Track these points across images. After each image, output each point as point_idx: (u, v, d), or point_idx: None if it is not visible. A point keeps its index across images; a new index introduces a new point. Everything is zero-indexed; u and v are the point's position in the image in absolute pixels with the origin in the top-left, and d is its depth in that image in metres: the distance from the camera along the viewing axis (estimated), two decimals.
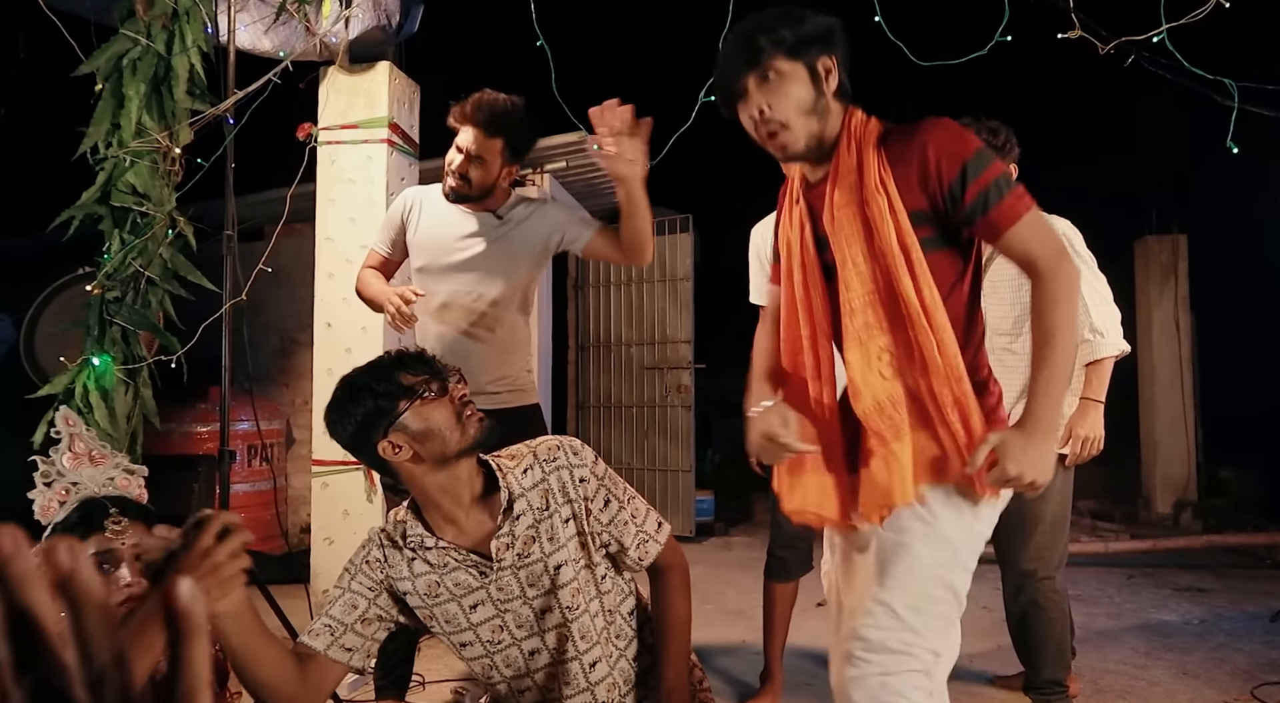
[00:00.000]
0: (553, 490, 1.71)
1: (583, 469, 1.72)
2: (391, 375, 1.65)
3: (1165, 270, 7.45)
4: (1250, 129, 2.81)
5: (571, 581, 1.69)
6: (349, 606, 1.71)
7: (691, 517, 6.39)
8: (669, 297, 6.58)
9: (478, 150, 2.48)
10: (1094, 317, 2.64)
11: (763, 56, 1.60)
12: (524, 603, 1.70)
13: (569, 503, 1.71)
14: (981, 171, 1.54)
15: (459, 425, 1.65)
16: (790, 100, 1.61)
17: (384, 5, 3.69)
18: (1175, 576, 5.12)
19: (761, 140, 1.68)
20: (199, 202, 3.11)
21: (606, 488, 1.74)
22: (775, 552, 2.98)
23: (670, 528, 1.83)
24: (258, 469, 5.29)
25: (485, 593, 1.70)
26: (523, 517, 1.69)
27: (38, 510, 1.67)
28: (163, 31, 2.90)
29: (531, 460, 1.73)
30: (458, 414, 1.65)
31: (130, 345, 2.92)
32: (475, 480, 1.70)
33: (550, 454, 1.73)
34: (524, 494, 1.70)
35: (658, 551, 1.77)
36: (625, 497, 1.77)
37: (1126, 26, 2.65)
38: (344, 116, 3.87)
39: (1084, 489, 6.95)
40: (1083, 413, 2.65)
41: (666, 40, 7.17)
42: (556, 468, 1.72)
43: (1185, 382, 7.34)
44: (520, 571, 1.69)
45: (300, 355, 5.87)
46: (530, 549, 1.68)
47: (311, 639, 1.67)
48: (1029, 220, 1.54)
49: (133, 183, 2.87)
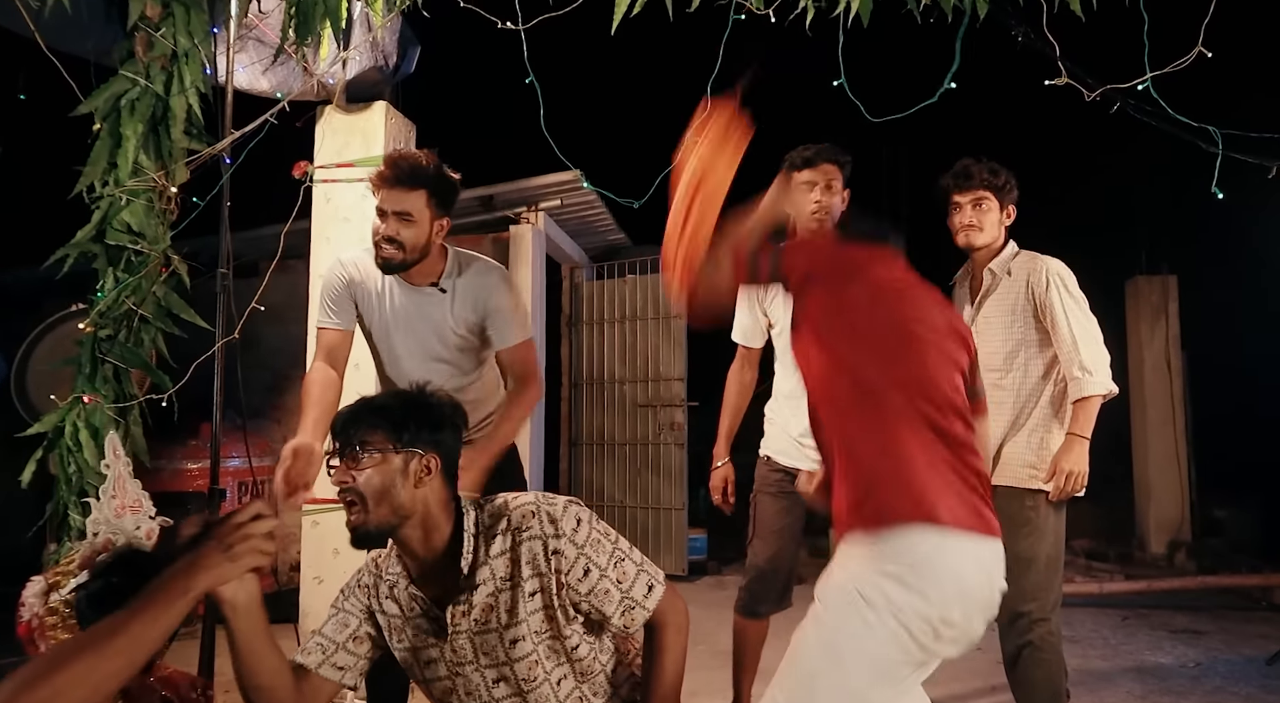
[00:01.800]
0: (520, 562, 1.66)
1: (558, 541, 1.66)
2: (438, 417, 1.71)
3: (1156, 310, 7.50)
4: (1236, 172, 2.85)
5: (529, 654, 1.67)
6: (341, 625, 1.74)
7: (684, 555, 6.35)
8: (662, 334, 6.60)
9: (403, 207, 2.39)
10: (1083, 355, 2.66)
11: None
12: (475, 669, 1.69)
13: (537, 576, 1.66)
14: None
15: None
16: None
17: (381, 46, 3.74)
18: (1171, 617, 5.09)
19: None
20: (193, 238, 3.12)
21: (587, 557, 1.67)
22: (750, 588, 2.97)
23: (664, 589, 1.74)
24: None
25: (439, 652, 1.70)
26: (483, 585, 1.66)
27: (80, 559, 1.70)
28: (162, 72, 2.93)
29: (504, 526, 1.69)
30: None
31: (122, 384, 2.91)
32: (446, 531, 1.68)
33: (523, 523, 1.68)
34: (488, 562, 1.67)
35: (645, 617, 1.71)
36: (610, 562, 1.69)
37: (1113, 73, 2.70)
38: (340, 155, 3.91)
39: (1078, 529, 6.95)
40: (1068, 448, 2.66)
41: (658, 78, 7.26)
42: (529, 538, 1.66)
43: (1178, 421, 7.36)
44: (476, 637, 1.67)
45: (292, 392, 5.85)
46: (489, 618, 1.66)
47: (304, 657, 1.71)
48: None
49: (128, 221, 2.88)
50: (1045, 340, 2.76)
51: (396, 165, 2.40)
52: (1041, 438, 2.73)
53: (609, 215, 6.60)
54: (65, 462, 2.83)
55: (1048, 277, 2.74)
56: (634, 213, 2.95)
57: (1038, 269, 2.77)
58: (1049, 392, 2.76)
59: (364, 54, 3.63)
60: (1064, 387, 2.73)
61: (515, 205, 5.91)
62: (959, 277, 3.04)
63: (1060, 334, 2.70)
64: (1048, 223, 3.61)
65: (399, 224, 2.39)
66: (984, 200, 2.82)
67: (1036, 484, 2.69)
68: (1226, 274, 7.59)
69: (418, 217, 2.40)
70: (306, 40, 2.96)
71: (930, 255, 3.20)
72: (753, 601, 2.95)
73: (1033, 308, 2.76)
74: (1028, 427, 2.75)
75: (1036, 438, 2.73)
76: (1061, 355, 2.71)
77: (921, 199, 3.27)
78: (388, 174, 2.39)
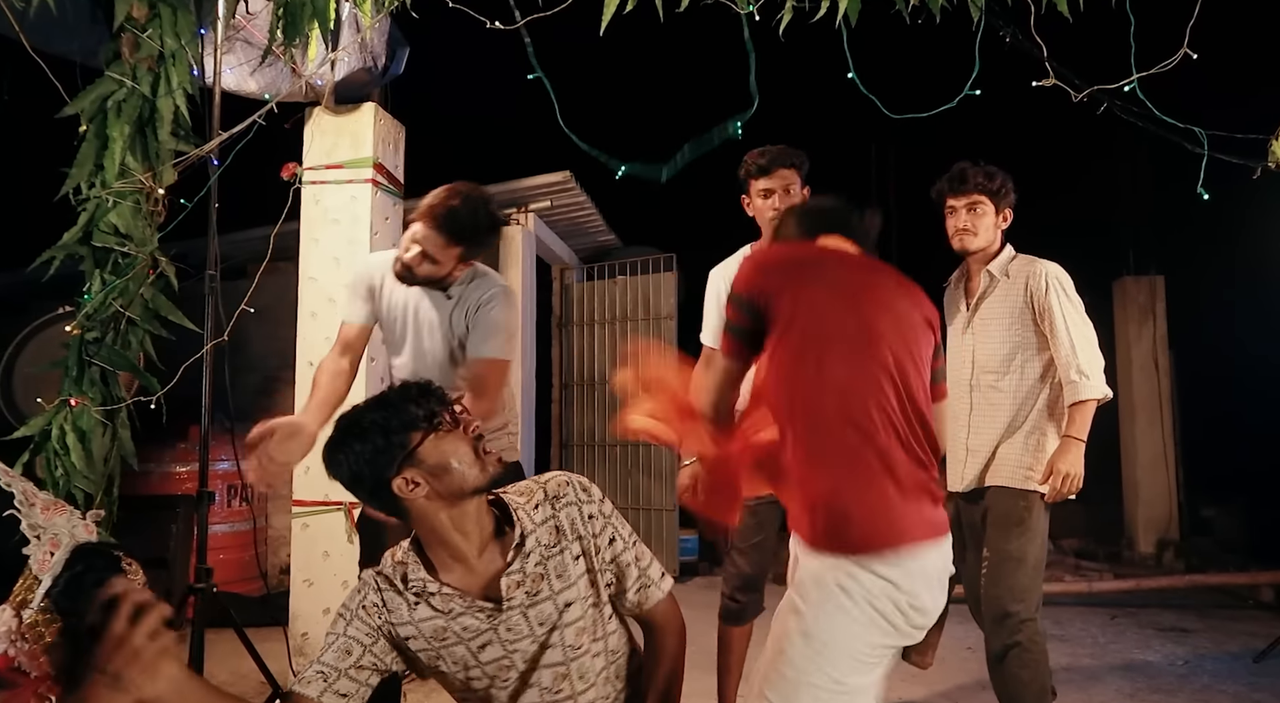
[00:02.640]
0: (563, 527, 1.69)
1: (591, 506, 1.71)
2: (402, 408, 1.60)
3: (1143, 311, 7.54)
4: (1223, 172, 2.87)
5: (578, 619, 1.67)
6: (343, 651, 1.66)
7: (675, 556, 6.36)
8: (653, 335, 6.60)
9: (435, 253, 2.49)
10: (1081, 359, 2.69)
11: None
12: (533, 641, 1.67)
13: (579, 540, 1.69)
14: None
15: (478, 461, 1.61)
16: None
17: (370, 47, 3.73)
18: (1159, 615, 5.11)
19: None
20: (181, 240, 3.10)
21: (614, 527, 1.73)
22: (732, 596, 2.96)
23: (672, 584, 1.80)
24: (237, 509, 5.22)
25: (494, 634, 1.66)
26: (533, 554, 1.66)
27: (36, 565, 1.68)
28: (148, 74, 2.92)
29: (542, 497, 1.71)
30: (474, 449, 1.61)
31: (109, 386, 2.89)
32: (485, 517, 1.67)
33: (560, 490, 1.72)
34: (534, 531, 1.68)
35: (659, 597, 1.75)
36: (630, 537, 1.76)
37: (1100, 74, 2.71)
38: (329, 157, 3.90)
39: (1067, 528, 6.98)
40: (1064, 450, 2.68)
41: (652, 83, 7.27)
42: (566, 504, 1.70)
43: (1165, 421, 7.40)
44: (529, 609, 1.66)
45: (282, 394, 5.83)
46: (539, 587, 1.66)
47: (303, 687, 1.63)
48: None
49: (115, 223, 2.86)
50: (1043, 343, 2.77)
51: (449, 218, 2.45)
52: (1039, 440, 2.74)
53: (599, 217, 6.60)
54: (52, 465, 2.81)
55: (1047, 280, 2.75)
56: (624, 216, 2.96)
57: (1037, 273, 2.78)
58: (1046, 394, 2.77)
59: (352, 55, 3.62)
60: (1060, 389, 2.74)
61: (505, 207, 5.90)
62: (953, 278, 3.05)
63: (1058, 338, 2.71)
64: (1035, 223, 3.62)
65: (423, 260, 2.49)
66: (979, 204, 2.83)
67: (1032, 485, 2.71)
68: (1214, 274, 7.64)
69: (444, 262, 2.51)
70: (295, 41, 2.94)
71: (921, 256, 3.22)
72: (739, 607, 2.96)
73: (1031, 311, 2.78)
74: (1025, 429, 2.76)
75: (1034, 440, 2.74)
76: (1059, 359, 2.72)
77: (909, 199, 3.28)
78: (440, 220, 2.44)
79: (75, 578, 1.63)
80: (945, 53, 2.93)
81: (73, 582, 1.63)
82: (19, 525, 1.73)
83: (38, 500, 1.77)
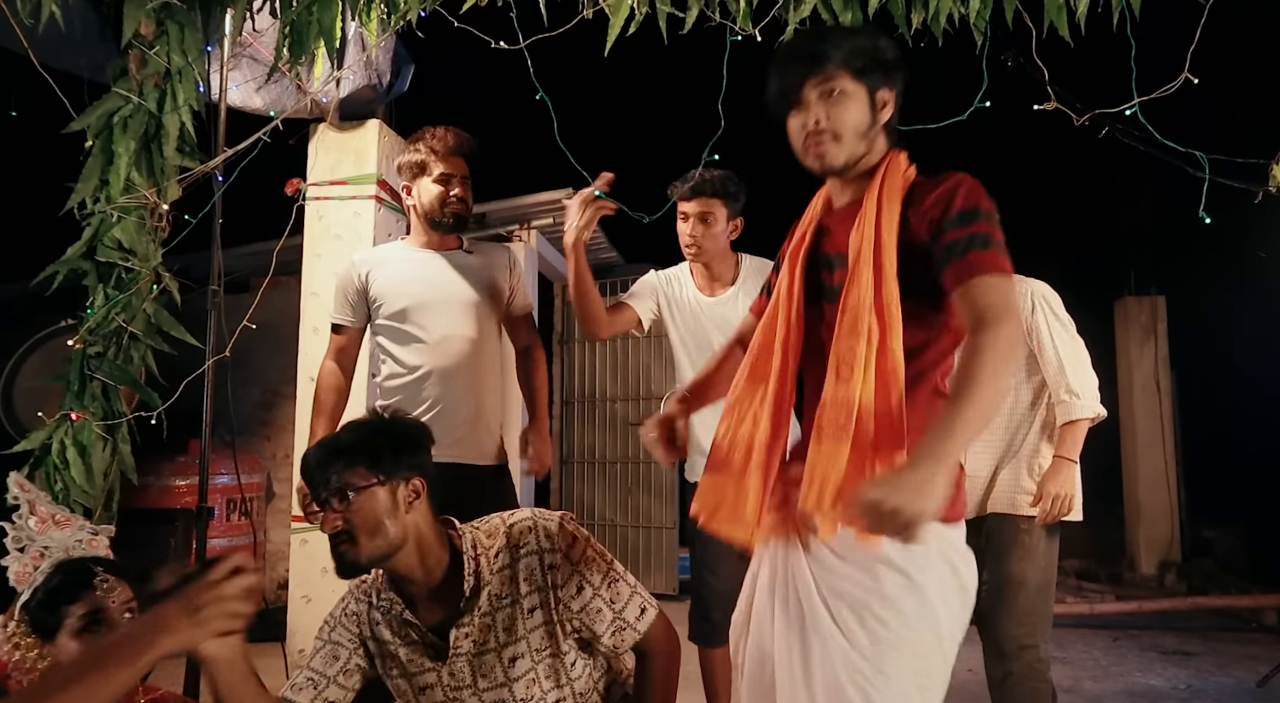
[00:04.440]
0: (518, 578, 1.65)
1: (554, 555, 1.66)
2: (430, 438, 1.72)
3: (1145, 331, 7.54)
4: (1224, 194, 2.87)
5: (527, 673, 1.65)
6: (330, 657, 1.70)
7: (675, 574, 6.33)
8: (654, 352, 6.60)
9: (468, 173, 2.74)
10: (1070, 379, 2.67)
11: (831, 71, 1.61)
12: (473, 693, 1.66)
13: (536, 592, 1.66)
14: (979, 222, 1.53)
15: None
16: (848, 118, 1.62)
17: (375, 65, 3.75)
18: (1161, 638, 5.09)
19: (802, 150, 1.67)
20: (185, 253, 3.11)
21: (581, 574, 1.67)
22: (707, 615, 2.82)
23: (656, 615, 1.74)
24: (236, 524, 5.20)
25: (436, 676, 1.67)
26: (484, 604, 1.65)
27: (13, 577, 1.69)
28: (155, 90, 2.93)
29: (503, 542, 1.68)
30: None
31: (111, 401, 2.89)
32: (442, 553, 1.66)
33: (521, 539, 1.68)
34: (489, 583, 1.66)
35: (635, 639, 1.71)
36: (604, 582, 1.69)
37: (1102, 97, 2.72)
38: (333, 173, 3.92)
39: (1068, 549, 6.92)
40: (1055, 471, 2.66)
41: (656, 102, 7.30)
42: (526, 554, 1.67)
43: (1167, 441, 7.38)
44: (475, 659, 1.65)
45: (283, 408, 5.83)
46: (487, 637, 1.65)
47: (295, 694, 1.66)
48: (1002, 279, 1.48)
49: (119, 238, 2.87)
50: (1034, 366, 2.75)
51: (462, 141, 2.72)
52: (1038, 464, 2.72)
53: (601, 234, 6.61)
54: (52, 479, 2.80)
55: (1033, 300, 2.73)
56: (627, 232, 2.98)
57: (1022, 293, 2.75)
58: (1040, 416, 2.76)
59: (358, 73, 3.64)
60: (1054, 411, 2.73)
61: (508, 223, 5.92)
62: None
63: (1046, 358, 2.70)
64: (1037, 243, 3.63)
65: (465, 187, 2.74)
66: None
67: (1030, 510, 2.69)
68: (1216, 295, 7.64)
69: (470, 186, 2.77)
70: (300, 59, 2.96)
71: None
72: (715, 627, 2.73)
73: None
74: (1023, 453, 2.74)
75: (1035, 464, 2.72)
76: (1048, 379, 2.71)
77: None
78: (458, 145, 2.71)
79: (51, 592, 1.64)
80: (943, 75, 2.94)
81: (49, 595, 1.65)
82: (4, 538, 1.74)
83: (39, 513, 1.77)
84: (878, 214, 1.59)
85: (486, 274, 2.78)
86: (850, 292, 1.57)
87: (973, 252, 1.50)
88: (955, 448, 1.34)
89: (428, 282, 2.70)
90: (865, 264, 1.56)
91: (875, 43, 1.65)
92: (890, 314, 1.52)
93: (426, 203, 2.71)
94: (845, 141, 1.62)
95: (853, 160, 1.65)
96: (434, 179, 2.70)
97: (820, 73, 1.61)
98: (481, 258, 2.81)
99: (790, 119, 1.67)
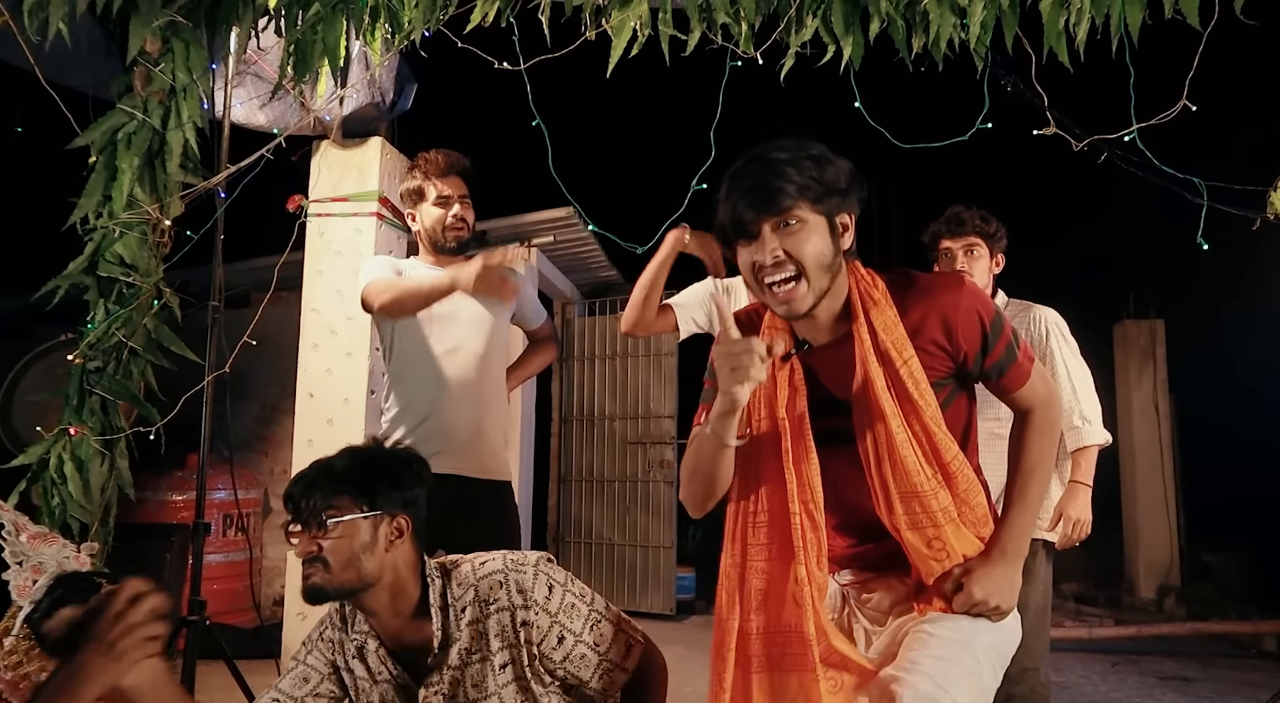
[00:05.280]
0: (488, 635, 1.61)
1: (527, 611, 1.61)
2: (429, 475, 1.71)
3: (1144, 354, 7.55)
4: (1223, 219, 2.88)
5: None
6: (300, 679, 1.68)
7: (672, 594, 6.30)
8: (653, 371, 6.60)
9: (466, 193, 2.77)
10: (1083, 405, 2.68)
11: (786, 201, 1.47)
12: None
13: (507, 648, 1.62)
14: (1004, 329, 1.57)
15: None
16: (809, 250, 1.48)
17: (378, 83, 3.77)
18: (1160, 663, 5.06)
19: (759, 289, 1.53)
20: (186, 268, 3.12)
21: (560, 625, 1.62)
22: None
23: (644, 649, 1.71)
24: (233, 539, 5.19)
25: None
26: (454, 658, 1.62)
27: (15, 591, 1.68)
28: (159, 107, 2.95)
29: (472, 596, 1.63)
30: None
31: (109, 416, 2.89)
32: (415, 596, 1.63)
33: (491, 595, 1.62)
34: (459, 640, 1.62)
35: (624, 679, 1.67)
36: (586, 626, 1.65)
37: (1100, 123, 2.73)
38: (335, 189, 3.92)
39: (1067, 573, 6.93)
40: (1072, 496, 2.67)
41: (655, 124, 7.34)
42: (497, 610, 1.62)
43: (1166, 465, 7.36)
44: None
45: (281, 424, 5.82)
46: (456, 692, 1.62)
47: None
48: (1036, 373, 1.62)
49: (121, 254, 2.88)
50: None
51: (454, 160, 2.75)
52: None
53: (601, 252, 6.63)
54: (49, 494, 2.80)
55: (1047, 326, 2.76)
56: (626, 250, 2.99)
57: (1036, 319, 2.78)
58: None
59: (361, 91, 3.66)
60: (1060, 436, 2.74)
61: (508, 241, 5.93)
62: None
63: (1060, 384, 2.71)
64: (1036, 266, 3.64)
65: (465, 208, 2.77)
66: (975, 247, 2.83)
67: (1040, 534, 2.69)
68: (1215, 318, 7.65)
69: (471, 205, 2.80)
70: (305, 77, 2.98)
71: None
72: None
73: None
74: None
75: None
76: (1062, 405, 2.72)
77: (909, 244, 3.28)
78: (454, 164, 2.74)
79: (55, 603, 1.63)
80: (943, 100, 2.96)
81: (53, 607, 1.64)
82: (1, 553, 1.73)
83: (27, 531, 1.78)
84: (885, 359, 1.53)
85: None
86: (894, 452, 1.52)
87: (1015, 359, 1.59)
88: (1028, 536, 1.62)
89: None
90: (894, 419, 1.51)
91: (832, 167, 1.52)
92: (943, 457, 1.54)
93: (429, 226, 2.74)
94: (811, 278, 1.49)
95: (820, 297, 1.52)
96: (433, 202, 2.73)
97: (777, 209, 1.48)
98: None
99: (741, 250, 1.53)
